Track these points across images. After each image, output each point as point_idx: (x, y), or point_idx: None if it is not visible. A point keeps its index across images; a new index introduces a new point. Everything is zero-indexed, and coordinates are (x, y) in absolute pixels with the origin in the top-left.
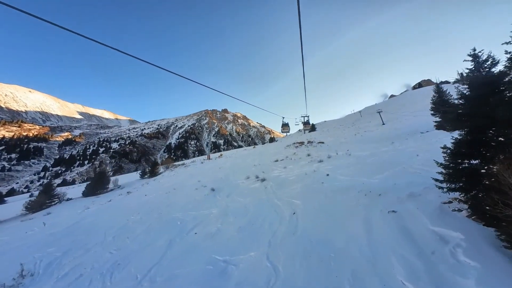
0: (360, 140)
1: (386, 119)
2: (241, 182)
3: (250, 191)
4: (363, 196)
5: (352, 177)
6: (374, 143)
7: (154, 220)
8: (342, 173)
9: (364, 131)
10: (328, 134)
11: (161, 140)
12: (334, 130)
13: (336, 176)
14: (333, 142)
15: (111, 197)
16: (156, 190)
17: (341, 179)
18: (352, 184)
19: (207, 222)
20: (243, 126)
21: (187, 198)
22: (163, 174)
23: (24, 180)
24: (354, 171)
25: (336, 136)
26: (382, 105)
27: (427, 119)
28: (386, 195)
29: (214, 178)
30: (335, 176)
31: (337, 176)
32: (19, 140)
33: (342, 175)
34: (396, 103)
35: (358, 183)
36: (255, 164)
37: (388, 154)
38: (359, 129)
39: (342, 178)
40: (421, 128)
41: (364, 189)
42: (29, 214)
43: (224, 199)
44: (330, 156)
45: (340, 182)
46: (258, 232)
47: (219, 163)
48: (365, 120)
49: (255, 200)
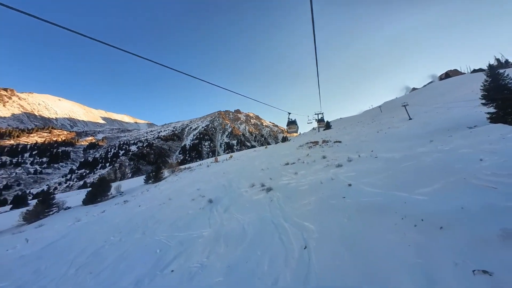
0: (384, 138)
1: (412, 113)
2: (245, 190)
3: (253, 205)
4: (409, 225)
5: (384, 190)
6: (404, 142)
7: (133, 243)
8: (369, 183)
9: (388, 128)
10: (345, 132)
11: (176, 142)
12: (352, 128)
13: (361, 187)
14: (352, 141)
15: (107, 207)
16: (152, 200)
17: (369, 192)
18: (387, 201)
19: (191, 251)
20: (255, 126)
21: (180, 212)
22: (167, 179)
23: (53, 182)
24: (385, 180)
25: (355, 134)
26: (404, 98)
27: (468, 111)
28: (454, 230)
29: (215, 185)
30: (359, 187)
31: (363, 188)
32: (50, 145)
33: (370, 185)
34: (421, 96)
35: (395, 199)
36: (263, 168)
37: (430, 156)
38: (381, 125)
39: (370, 190)
40: (465, 121)
41: (407, 211)
42: (25, 225)
43: (220, 215)
44: (350, 159)
45: (368, 197)
46: (253, 277)
47: (225, 166)
48: (386, 115)
49: (257, 218)
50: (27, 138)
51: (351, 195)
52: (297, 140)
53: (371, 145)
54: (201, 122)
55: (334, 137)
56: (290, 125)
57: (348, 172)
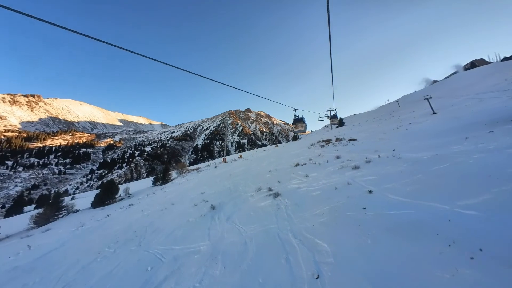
0: (406, 135)
1: (436, 107)
2: (250, 195)
3: (257, 213)
4: (462, 257)
5: (414, 199)
6: (432, 139)
7: (126, 256)
8: (395, 190)
9: (409, 123)
10: (360, 128)
11: (188, 142)
12: (367, 124)
13: (385, 194)
14: (369, 139)
15: (113, 211)
16: (155, 204)
17: (395, 201)
18: (423, 216)
19: (184, 272)
20: (266, 125)
21: (180, 220)
22: (174, 181)
23: (76, 182)
24: (414, 186)
25: (371, 131)
26: (425, 91)
27: (506, 102)
28: None
29: (220, 189)
30: (382, 194)
31: (387, 196)
32: (72, 147)
33: (395, 193)
34: (444, 88)
35: (434, 214)
36: (271, 170)
37: (470, 157)
38: (401, 121)
39: (396, 199)
40: (505, 115)
41: (456, 234)
42: (35, 229)
43: (221, 225)
44: (369, 159)
45: (395, 209)
46: None
47: (233, 167)
48: (405, 110)
49: (261, 230)
50: (52, 140)
51: (373, 205)
52: (308, 139)
53: (392, 143)
54: (212, 122)
55: (348, 134)
56: (297, 123)
57: (367, 175)
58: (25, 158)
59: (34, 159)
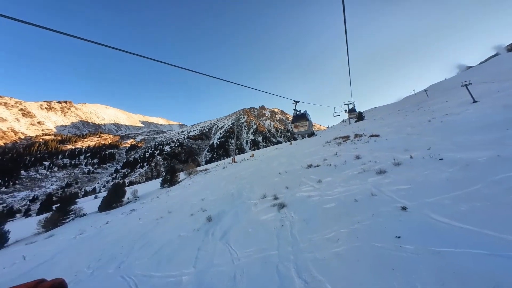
0: (443, 129)
1: (475, 95)
2: (254, 203)
3: (257, 230)
4: None
5: (476, 226)
6: (479, 134)
7: (99, 282)
8: (441, 208)
9: (444, 115)
10: (383, 123)
11: (204, 140)
12: (391, 117)
13: (427, 214)
14: (395, 135)
15: (114, 217)
16: (154, 211)
17: (445, 228)
18: (499, 264)
19: None
20: (281, 122)
21: (171, 234)
22: (181, 183)
23: (103, 181)
24: (471, 203)
25: (396, 126)
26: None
27: None
28: None
29: (223, 194)
30: (423, 214)
31: (430, 216)
32: (99, 148)
33: (442, 213)
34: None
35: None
36: (280, 172)
37: None
38: (433, 112)
39: (446, 224)
40: None
41: None
42: (42, 234)
43: (213, 244)
44: (398, 161)
45: (448, 243)
46: None
47: (240, 168)
48: (436, 100)
49: (257, 258)
50: (82, 142)
51: (411, 231)
52: (324, 135)
53: (425, 139)
54: (227, 120)
55: (369, 129)
56: (298, 121)
57: (397, 183)
58: (60, 159)
59: (67, 159)
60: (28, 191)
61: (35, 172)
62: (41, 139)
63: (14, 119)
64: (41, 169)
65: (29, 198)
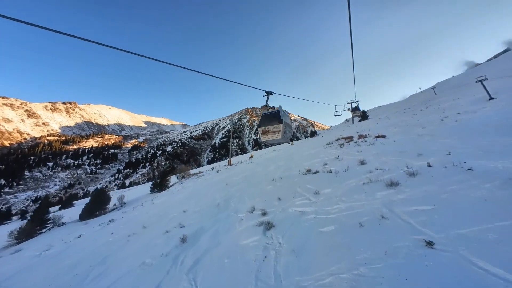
0: (459, 129)
1: (491, 91)
2: (239, 218)
3: (234, 261)
4: None
5: None
6: (509, 136)
7: None
8: (486, 248)
9: (458, 113)
10: (389, 122)
11: (207, 140)
12: (397, 116)
13: (464, 256)
14: (404, 135)
15: (90, 228)
16: (130, 224)
17: (496, 285)
18: None
19: None
20: None
21: (135, 259)
22: (170, 188)
23: (105, 181)
24: None
25: (404, 125)
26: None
27: None
28: None
29: (208, 205)
30: (459, 255)
31: (470, 260)
32: (102, 148)
33: (490, 257)
34: (492, 69)
35: None
36: (275, 178)
37: None
38: (444, 110)
39: (497, 280)
40: None
41: None
42: (12, 247)
43: (179, 279)
44: (412, 170)
45: None
46: None
47: (234, 173)
48: (445, 97)
49: None
50: (85, 143)
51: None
52: (326, 135)
53: (440, 141)
54: (229, 120)
55: (374, 130)
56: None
57: (414, 201)
58: (63, 159)
59: (70, 160)
60: (31, 192)
61: (39, 172)
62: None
63: (19, 120)
64: (45, 170)
65: (32, 199)
